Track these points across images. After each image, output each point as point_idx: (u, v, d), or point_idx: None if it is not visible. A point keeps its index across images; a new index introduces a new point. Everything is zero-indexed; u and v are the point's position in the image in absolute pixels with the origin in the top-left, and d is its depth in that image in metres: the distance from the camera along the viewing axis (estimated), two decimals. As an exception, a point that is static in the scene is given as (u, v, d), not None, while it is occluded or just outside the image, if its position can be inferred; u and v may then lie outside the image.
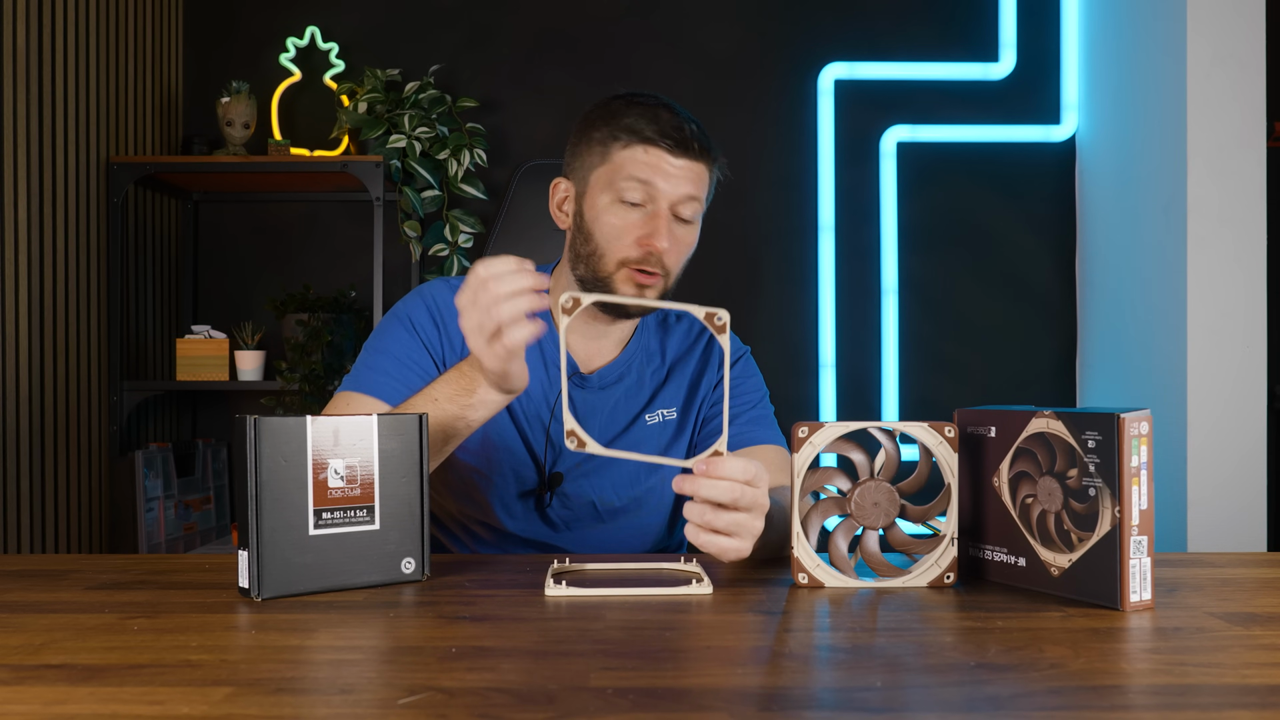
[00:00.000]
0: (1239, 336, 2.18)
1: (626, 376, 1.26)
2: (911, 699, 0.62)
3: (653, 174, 1.14)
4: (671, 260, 1.17)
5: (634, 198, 1.15)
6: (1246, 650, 0.71)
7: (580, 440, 0.90)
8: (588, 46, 2.80)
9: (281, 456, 0.86)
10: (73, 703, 0.59)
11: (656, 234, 1.14)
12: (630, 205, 1.16)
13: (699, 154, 1.16)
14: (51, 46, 2.24)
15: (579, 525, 1.25)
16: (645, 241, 1.15)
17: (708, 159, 1.18)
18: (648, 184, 1.14)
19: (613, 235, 1.16)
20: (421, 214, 2.60)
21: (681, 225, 1.18)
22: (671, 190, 1.15)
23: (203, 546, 2.62)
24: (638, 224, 1.15)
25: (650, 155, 1.15)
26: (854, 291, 2.77)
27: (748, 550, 0.90)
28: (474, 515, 1.25)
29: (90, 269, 2.40)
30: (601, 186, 1.17)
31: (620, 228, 1.16)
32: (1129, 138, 2.48)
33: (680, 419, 1.28)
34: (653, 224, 1.15)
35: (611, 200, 1.16)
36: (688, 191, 1.16)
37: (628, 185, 1.15)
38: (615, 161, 1.16)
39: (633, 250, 1.15)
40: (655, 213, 1.15)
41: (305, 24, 2.75)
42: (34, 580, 0.95)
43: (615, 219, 1.16)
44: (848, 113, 2.77)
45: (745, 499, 0.88)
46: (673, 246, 1.16)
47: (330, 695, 0.61)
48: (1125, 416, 0.81)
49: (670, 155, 1.15)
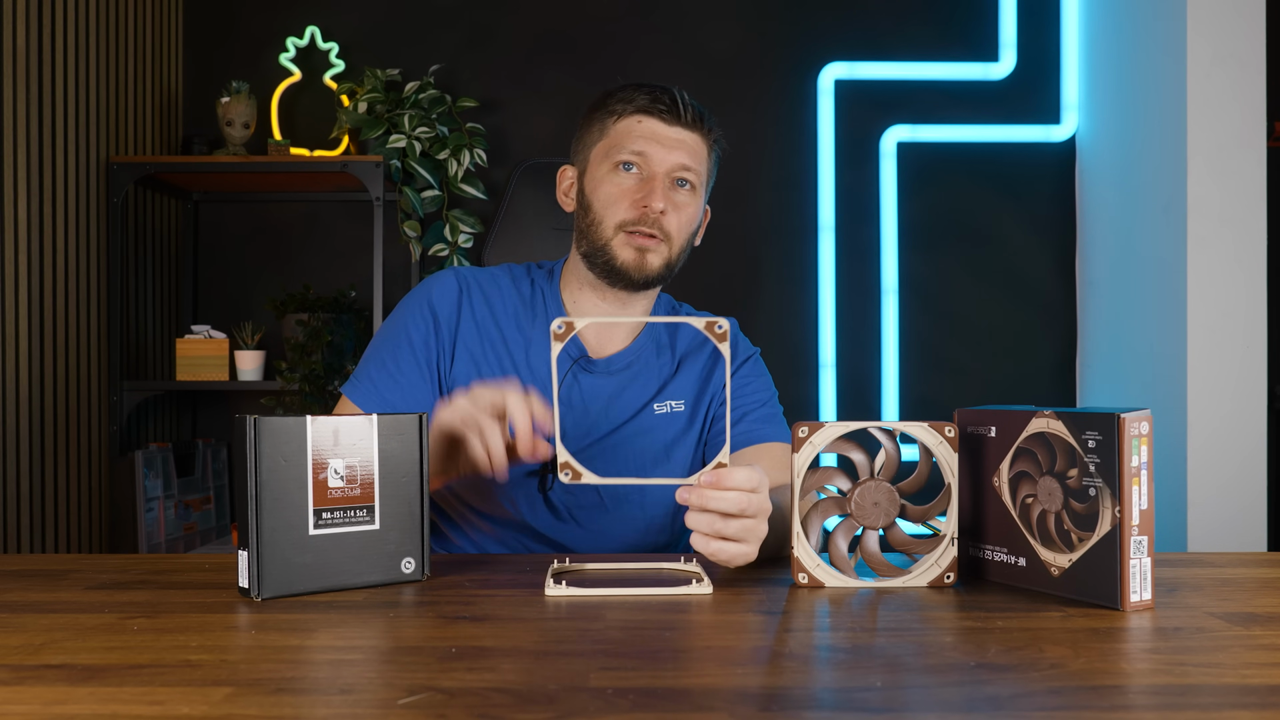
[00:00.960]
0: (1239, 336, 2.18)
1: (635, 364, 1.27)
2: (911, 699, 0.62)
3: (647, 139, 1.18)
4: (672, 225, 1.19)
5: (630, 164, 1.19)
6: (1246, 650, 0.71)
7: (575, 473, 0.91)
8: (588, 46, 2.80)
9: (281, 456, 0.86)
10: (73, 703, 0.59)
11: (652, 195, 1.17)
12: (626, 171, 1.19)
13: (693, 124, 1.20)
14: (51, 46, 2.24)
15: (583, 512, 1.25)
16: (641, 203, 1.18)
17: (703, 130, 1.21)
18: (643, 148, 1.18)
19: (609, 200, 1.19)
20: (421, 214, 2.60)
21: (680, 192, 1.20)
22: (667, 155, 1.18)
23: (203, 546, 2.62)
24: (633, 188, 1.19)
25: (645, 124, 1.19)
26: (854, 291, 2.77)
27: (754, 555, 0.91)
28: (478, 502, 1.25)
29: (90, 269, 2.40)
30: (600, 159, 1.22)
31: (615, 193, 1.19)
32: (1129, 138, 2.48)
33: (690, 412, 1.28)
34: (648, 186, 1.18)
35: (609, 169, 1.20)
36: (683, 157, 1.19)
37: (623, 150, 1.19)
38: (612, 134, 1.21)
39: (629, 212, 1.18)
40: (650, 175, 1.19)
41: (305, 24, 2.75)
42: (34, 580, 0.95)
43: (611, 186, 1.20)
44: (848, 113, 2.77)
45: (751, 507, 0.88)
46: (672, 211, 1.19)
47: (330, 695, 0.61)
48: (1125, 416, 0.81)
49: (664, 124, 1.19)
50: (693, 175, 1.20)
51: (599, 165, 1.21)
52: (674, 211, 1.19)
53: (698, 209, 1.23)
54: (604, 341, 1.27)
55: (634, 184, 1.19)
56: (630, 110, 1.19)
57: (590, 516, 1.25)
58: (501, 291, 1.27)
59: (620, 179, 1.19)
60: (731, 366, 1.32)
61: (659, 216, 1.18)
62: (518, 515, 1.23)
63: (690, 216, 1.22)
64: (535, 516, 1.23)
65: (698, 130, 1.20)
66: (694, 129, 1.20)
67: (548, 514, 1.24)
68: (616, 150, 1.19)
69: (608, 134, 1.21)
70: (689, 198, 1.21)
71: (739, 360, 1.33)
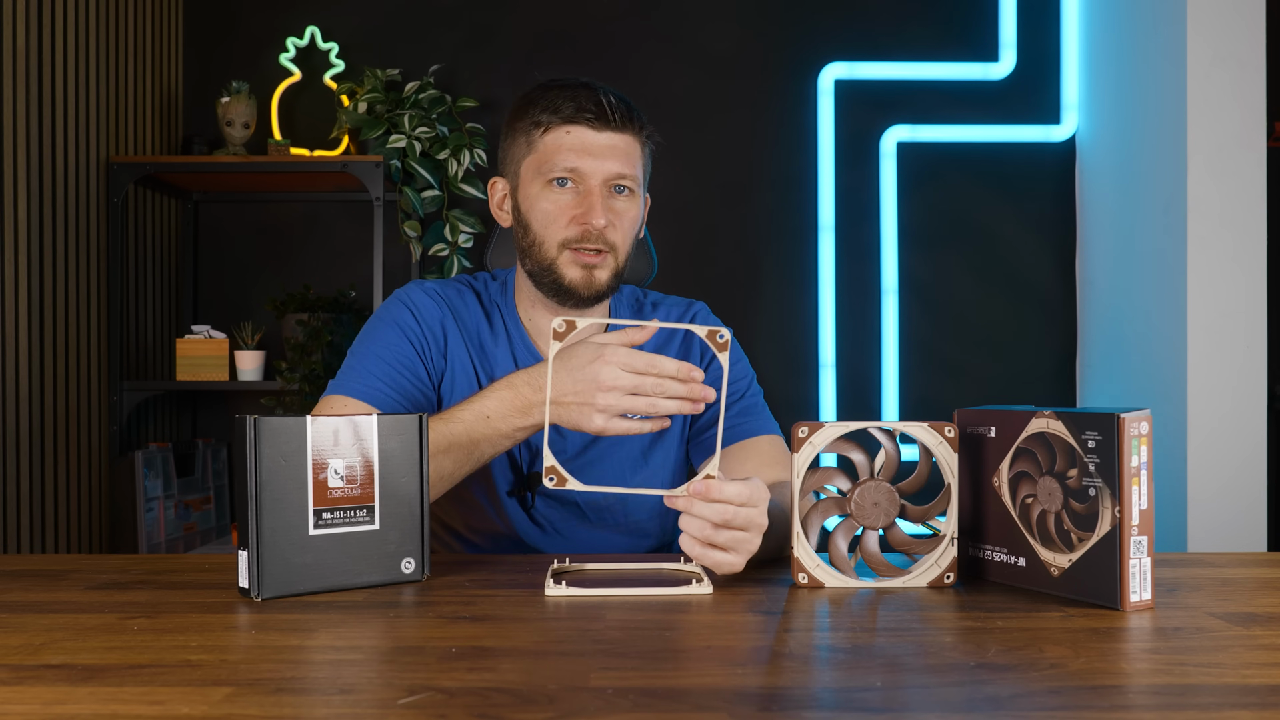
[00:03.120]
0: (1239, 336, 2.18)
1: None
2: (911, 699, 0.62)
3: (578, 152, 1.13)
4: (615, 236, 1.15)
5: (563, 179, 1.14)
6: (1246, 650, 0.71)
7: (560, 478, 0.91)
8: (588, 46, 2.80)
9: (281, 456, 0.86)
10: (73, 703, 0.59)
11: (591, 210, 1.13)
12: (561, 187, 1.15)
13: (622, 125, 1.15)
14: (51, 46, 2.24)
15: (566, 525, 1.24)
16: (581, 219, 1.14)
17: (634, 129, 1.16)
18: (575, 163, 1.14)
19: (547, 220, 1.15)
20: (421, 214, 2.60)
21: (619, 199, 1.16)
22: (600, 165, 1.14)
23: (203, 546, 2.62)
24: (571, 204, 1.15)
25: (573, 134, 1.14)
26: (854, 291, 2.77)
27: (741, 566, 0.90)
28: (468, 520, 1.25)
29: (90, 269, 2.40)
30: (531, 175, 1.17)
31: (553, 211, 1.15)
32: (1129, 138, 2.48)
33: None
34: (586, 201, 1.14)
35: (542, 185, 1.16)
36: (616, 164, 1.14)
37: (555, 167, 1.14)
38: (540, 147, 1.16)
39: (570, 230, 1.14)
40: (587, 190, 1.14)
41: (305, 24, 2.75)
42: (34, 580, 0.95)
43: (548, 203, 1.15)
44: (848, 113, 2.77)
45: (740, 519, 0.88)
46: (613, 222, 1.15)
47: (330, 695, 0.61)
48: (1125, 416, 0.81)
49: (592, 131, 1.14)
50: (629, 180, 1.16)
51: (531, 182, 1.16)
52: (615, 221, 1.15)
53: (638, 210, 1.19)
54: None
55: (571, 199, 1.14)
56: (557, 121, 1.14)
57: (574, 529, 1.25)
58: (468, 307, 1.24)
59: (556, 195, 1.15)
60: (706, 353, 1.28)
61: (601, 231, 1.14)
62: (507, 530, 1.23)
63: (632, 220, 1.18)
64: (523, 531, 1.24)
65: (628, 130, 1.15)
66: (624, 130, 1.15)
67: (534, 529, 1.24)
68: (548, 167, 1.14)
69: (535, 148, 1.16)
70: (628, 202, 1.17)
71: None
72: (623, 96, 1.17)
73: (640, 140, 1.18)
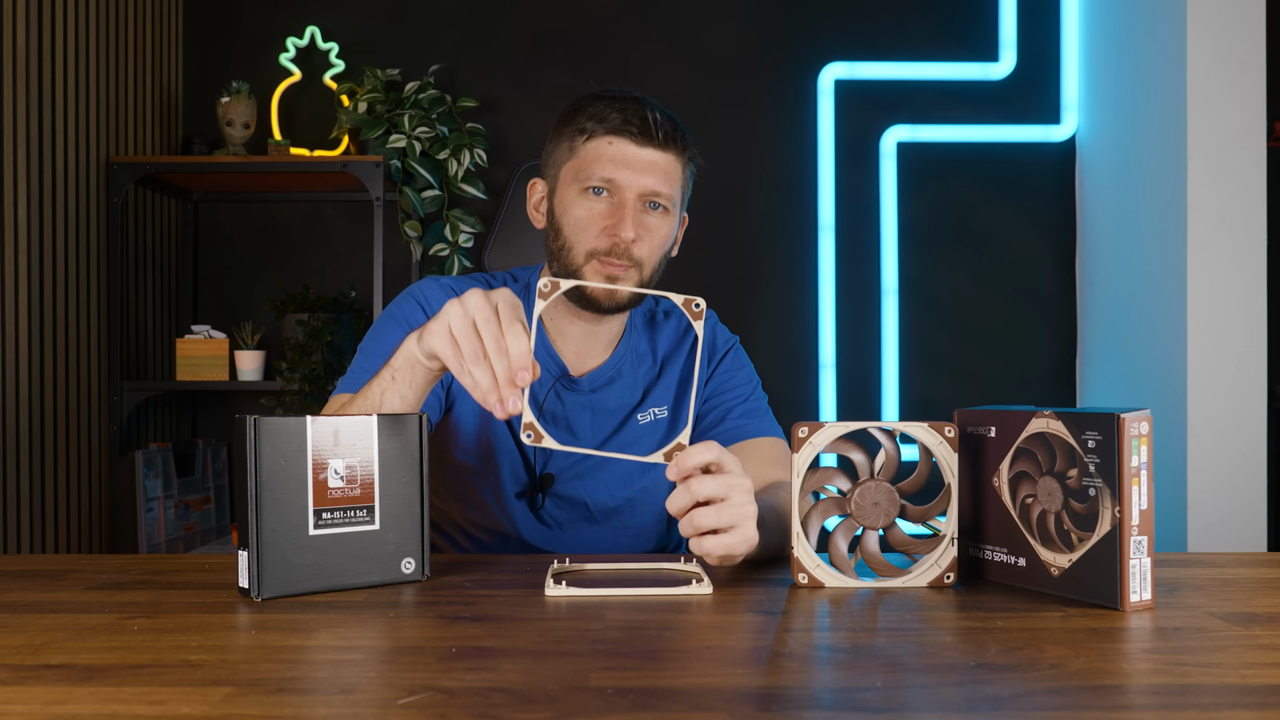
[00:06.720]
0: (1239, 336, 2.18)
1: (618, 379, 1.26)
2: (911, 699, 0.62)
3: (617, 164, 1.13)
4: (642, 251, 1.15)
5: (600, 188, 1.14)
6: (1246, 650, 0.71)
7: (538, 434, 0.89)
8: (588, 46, 2.80)
9: (281, 456, 0.86)
10: (73, 703, 0.59)
11: (622, 223, 1.13)
12: (596, 196, 1.15)
13: (665, 143, 1.15)
14: (51, 46, 2.24)
15: (573, 526, 1.25)
16: (611, 231, 1.14)
17: (677, 149, 1.16)
18: (613, 174, 1.14)
19: (579, 227, 1.15)
20: (421, 214, 2.60)
21: (652, 215, 1.16)
22: (637, 180, 1.14)
23: (203, 546, 2.62)
24: (604, 214, 1.14)
25: (615, 146, 1.14)
26: (854, 291, 2.77)
27: (741, 544, 0.89)
28: (473, 517, 1.25)
29: (90, 269, 2.40)
30: (569, 180, 1.17)
31: (586, 219, 1.15)
32: (1129, 138, 2.48)
33: (671, 416, 1.28)
34: (619, 213, 1.14)
35: (578, 192, 1.16)
36: (654, 181, 1.14)
37: (592, 176, 1.14)
38: (581, 154, 1.16)
39: (600, 241, 1.14)
40: (621, 202, 1.14)
41: (305, 24, 2.75)
42: (34, 580, 0.95)
43: (581, 210, 1.15)
44: (848, 113, 2.77)
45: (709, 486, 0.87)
46: (642, 237, 1.14)
47: (330, 695, 0.61)
48: (1125, 416, 0.81)
49: (635, 145, 1.14)
50: (664, 199, 1.16)
51: (568, 186, 1.17)
52: (645, 236, 1.15)
53: (671, 229, 1.19)
54: (583, 358, 1.25)
55: (604, 209, 1.14)
56: (601, 130, 1.14)
57: (580, 529, 1.25)
58: None
59: (590, 203, 1.15)
60: (715, 358, 1.30)
61: (629, 245, 1.13)
62: (511, 530, 1.23)
63: (663, 238, 1.18)
64: (528, 530, 1.24)
65: (670, 149, 1.15)
66: (666, 148, 1.15)
67: (540, 528, 1.24)
68: (586, 174, 1.14)
69: (577, 154, 1.16)
70: (661, 220, 1.17)
71: (720, 352, 1.31)
72: (671, 114, 1.17)
73: (682, 160, 1.18)
